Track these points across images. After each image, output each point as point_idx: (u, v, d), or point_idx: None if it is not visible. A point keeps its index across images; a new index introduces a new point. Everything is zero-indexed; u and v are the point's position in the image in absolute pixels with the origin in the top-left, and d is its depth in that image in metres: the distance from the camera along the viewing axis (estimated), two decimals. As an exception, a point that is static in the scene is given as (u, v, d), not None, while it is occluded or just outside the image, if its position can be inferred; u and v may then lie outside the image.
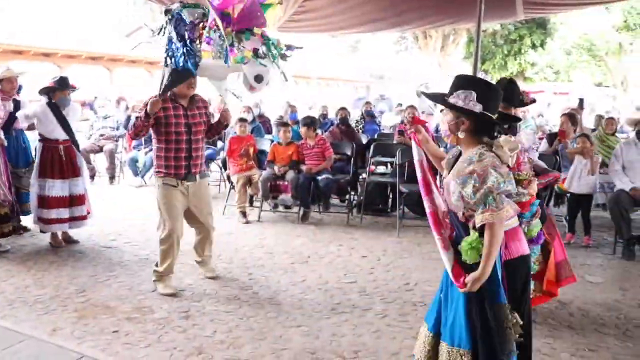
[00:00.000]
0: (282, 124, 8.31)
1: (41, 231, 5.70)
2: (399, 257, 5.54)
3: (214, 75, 4.18)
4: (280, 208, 7.44)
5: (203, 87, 4.45)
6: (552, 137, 7.36)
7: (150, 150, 9.30)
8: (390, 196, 7.44)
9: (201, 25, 4.00)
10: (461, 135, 2.49)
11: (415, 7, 8.12)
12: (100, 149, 9.67)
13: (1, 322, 3.86)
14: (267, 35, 4.05)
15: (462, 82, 2.50)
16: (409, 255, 5.64)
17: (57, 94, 5.56)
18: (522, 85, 23.85)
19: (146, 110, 4.18)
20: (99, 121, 9.99)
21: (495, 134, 2.51)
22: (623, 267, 5.44)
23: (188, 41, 3.97)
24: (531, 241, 3.08)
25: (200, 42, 3.97)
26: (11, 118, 5.79)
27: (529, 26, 26.56)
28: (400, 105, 13.81)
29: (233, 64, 3.86)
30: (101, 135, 9.71)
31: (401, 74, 28.91)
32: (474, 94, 2.42)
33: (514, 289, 2.54)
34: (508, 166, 2.41)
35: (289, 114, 11.17)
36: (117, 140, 9.93)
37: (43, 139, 5.56)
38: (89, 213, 5.83)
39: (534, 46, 27.15)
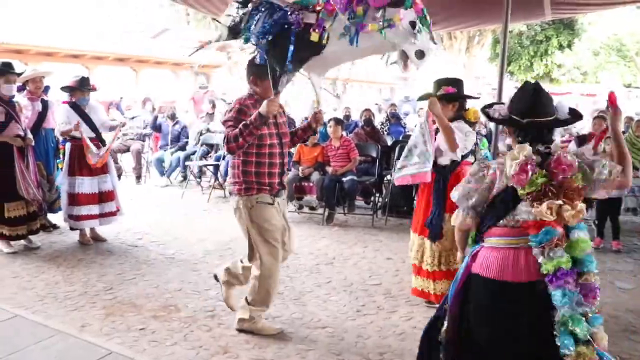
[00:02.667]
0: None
1: (71, 228, 5.79)
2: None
3: (334, 60, 3.47)
4: (305, 209, 7.45)
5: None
6: (581, 140, 7.24)
7: (178, 150, 9.41)
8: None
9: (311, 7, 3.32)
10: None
11: (441, 8, 8.06)
12: (127, 149, 9.79)
13: (32, 317, 3.93)
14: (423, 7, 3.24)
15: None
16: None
17: (77, 93, 5.66)
18: (549, 87, 23.64)
19: (259, 112, 3.40)
20: (116, 121, 10.10)
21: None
22: (655, 273, 5.34)
23: (294, 28, 3.29)
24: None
25: (314, 29, 3.25)
26: (40, 118, 5.90)
27: (555, 27, 26.17)
28: (422, 108, 13.70)
29: (374, 37, 3.10)
30: (124, 134, 9.83)
31: (426, 76, 28.74)
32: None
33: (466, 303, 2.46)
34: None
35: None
36: (143, 140, 10.04)
37: (71, 138, 5.64)
38: (118, 210, 5.90)
39: (560, 47, 26.74)
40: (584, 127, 10.07)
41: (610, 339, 3.72)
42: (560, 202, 2.23)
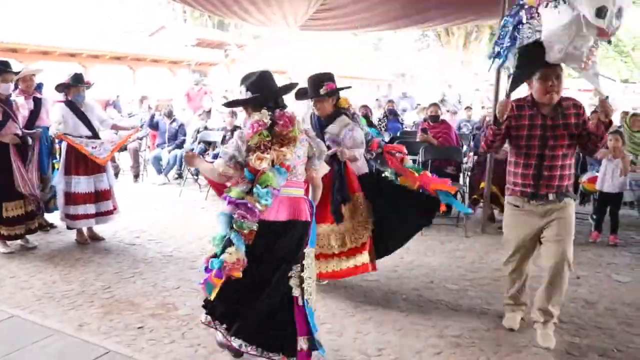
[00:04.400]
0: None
1: (68, 227, 5.78)
2: (423, 256, 5.51)
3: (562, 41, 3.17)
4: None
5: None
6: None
7: (175, 148, 9.41)
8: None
9: None
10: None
11: (438, 4, 8.07)
12: (125, 147, 9.78)
13: (30, 316, 3.93)
14: None
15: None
16: (432, 253, 5.60)
17: (71, 90, 5.65)
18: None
19: (495, 115, 3.53)
20: (123, 119, 10.10)
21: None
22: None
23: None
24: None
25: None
26: (33, 116, 5.87)
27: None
28: (419, 104, 13.73)
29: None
30: (139, 138, 9.81)
31: (423, 72, 28.71)
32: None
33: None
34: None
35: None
36: (141, 139, 10.03)
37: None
38: (115, 208, 5.89)
39: (559, 42, 26.75)
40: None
41: (607, 331, 3.79)
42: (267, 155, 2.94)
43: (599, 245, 5.99)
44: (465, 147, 8.47)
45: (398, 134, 9.23)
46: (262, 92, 3.12)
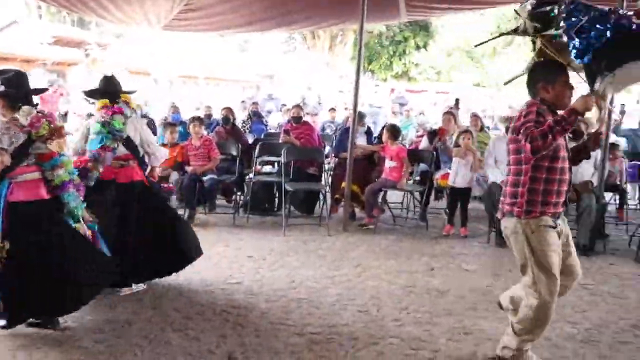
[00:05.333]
0: (169, 124, 8.09)
1: None
2: (285, 256, 5.54)
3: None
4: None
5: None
6: (432, 135, 7.68)
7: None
8: (277, 195, 7.43)
9: None
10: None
11: (301, 7, 8.19)
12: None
13: None
14: None
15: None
16: (294, 253, 5.65)
17: None
18: (407, 85, 24.62)
19: (573, 108, 2.92)
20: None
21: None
22: (496, 255, 5.79)
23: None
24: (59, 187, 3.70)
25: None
26: None
27: (412, 28, 27.65)
28: (285, 105, 13.88)
29: None
30: None
31: (290, 74, 29.03)
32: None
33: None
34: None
35: (171, 115, 10.93)
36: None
37: None
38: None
39: (417, 47, 28.30)
40: (437, 122, 10.72)
41: (456, 317, 4.02)
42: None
43: (451, 238, 6.39)
44: (328, 148, 8.67)
45: (262, 136, 9.25)
46: (18, 89, 3.56)
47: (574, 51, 2.93)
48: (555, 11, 3.05)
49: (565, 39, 3.00)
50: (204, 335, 3.69)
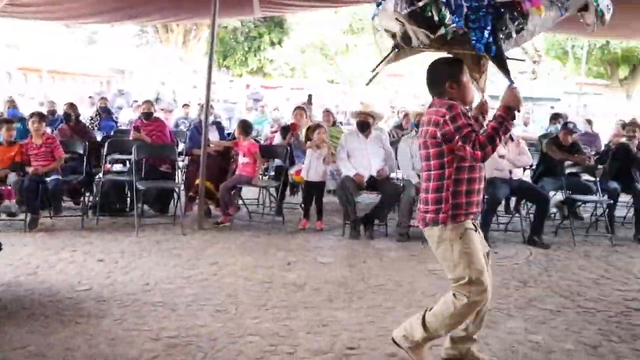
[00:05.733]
0: (5, 120, 7.40)
1: None
2: (138, 258, 5.31)
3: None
4: (3, 216, 6.59)
5: None
6: (284, 130, 7.77)
7: None
8: (128, 195, 7.10)
9: None
10: None
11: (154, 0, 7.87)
12: None
13: None
14: None
15: None
16: (148, 254, 5.44)
17: None
18: (262, 81, 24.83)
19: (508, 106, 2.87)
20: None
21: None
22: (350, 247, 5.98)
23: None
24: None
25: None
26: None
27: (267, 24, 27.81)
28: (137, 101, 13.33)
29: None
30: None
31: (143, 69, 27.94)
32: None
33: None
34: None
35: (7, 110, 10.04)
36: None
37: None
38: None
39: (272, 44, 28.51)
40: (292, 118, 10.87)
41: (313, 310, 4.09)
42: None
43: (307, 232, 6.51)
44: (182, 145, 8.45)
45: (112, 133, 8.80)
46: None
47: (480, 46, 2.81)
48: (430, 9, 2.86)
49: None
50: (51, 351, 3.41)
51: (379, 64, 3.28)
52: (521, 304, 4.41)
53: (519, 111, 2.93)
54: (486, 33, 2.76)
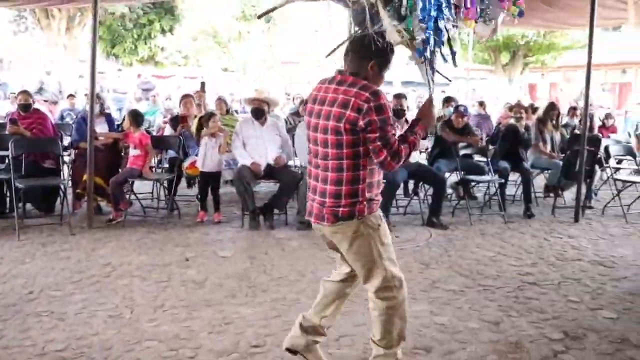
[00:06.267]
0: None
1: None
2: (20, 264, 4.84)
3: None
4: None
5: None
6: (174, 121, 7.44)
7: None
8: (7, 194, 6.49)
9: None
10: None
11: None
12: None
13: None
14: None
15: None
16: (32, 259, 4.97)
17: None
18: (154, 70, 24.00)
19: (424, 127, 2.80)
20: None
21: None
22: (250, 238, 5.82)
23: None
24: None
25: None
26: None
27: (157, 11, 26.70)
28: (14, 93, 12.33)
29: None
30: None
31: (23, 57, 26.04)
32: None
33: None
34: None
35: None
36: None
37: None
38: None
39: (163, 31, 27.46)
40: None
41: (215, 307, 3.91)
42: None
43: (205, 225, 6.27)
44: (67, 138, 7.86)
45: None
46: None
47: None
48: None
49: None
50: None
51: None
52: (425, 286, 4.47)
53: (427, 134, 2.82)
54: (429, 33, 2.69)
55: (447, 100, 9.52)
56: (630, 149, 8.37)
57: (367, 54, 2.67)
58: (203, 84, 8.41)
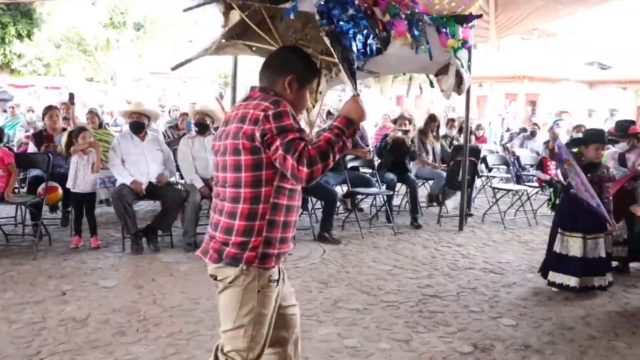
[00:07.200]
0: None
1: None
2: None
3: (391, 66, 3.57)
4: None
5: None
6: (38, 137, 6.71)
7: None
8: None
9: None
10: None
11: None
12: None
13: None
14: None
15: None
16: None
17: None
18: (10, 79, 22.20)
19: (348, 118, 2.21)
20: None
21: None
22: (134, 263, 5.32)
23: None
24: None
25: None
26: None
27: (12, 14, 24.61)
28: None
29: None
30: None
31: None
32: None
33: None
34: None
35: None
36: None
37: None
38: None
39: (20, 36, 25.35)
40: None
41: (103, 348, 3.45)
42: None
43: (81, 251, 5.65)
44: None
45: None
46: None
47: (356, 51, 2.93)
48: None
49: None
50: None
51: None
52: (327, 307, 4.30)
53: (358, 128, 2.30)
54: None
55: (328, 114, 9.53)
56: (504, 159, 8.84)
57: (282, 66, 2.35)
58: (72, 95, 7.60)
